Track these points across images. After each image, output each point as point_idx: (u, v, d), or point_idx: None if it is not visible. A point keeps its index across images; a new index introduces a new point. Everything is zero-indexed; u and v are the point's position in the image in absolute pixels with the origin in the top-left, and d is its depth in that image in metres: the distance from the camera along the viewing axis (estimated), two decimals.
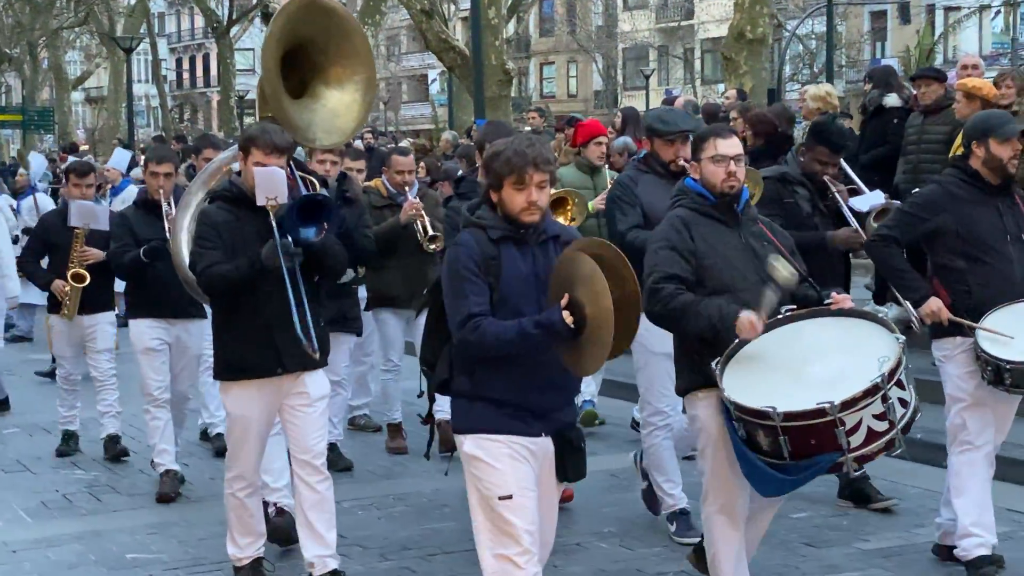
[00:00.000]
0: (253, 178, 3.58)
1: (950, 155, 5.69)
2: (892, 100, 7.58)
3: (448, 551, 4.28)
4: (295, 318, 3.51)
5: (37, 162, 12.34)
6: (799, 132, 7.73)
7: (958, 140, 5.36)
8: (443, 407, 3.58)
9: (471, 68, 13.57)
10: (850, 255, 4.76)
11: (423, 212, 5.43)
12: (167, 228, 4.88)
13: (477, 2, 13.10)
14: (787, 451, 3.08)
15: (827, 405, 3.00)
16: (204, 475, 5.59)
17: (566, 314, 2.70)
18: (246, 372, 3.71)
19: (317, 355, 3.61)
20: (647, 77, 35.04)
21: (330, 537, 3.77)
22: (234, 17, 22.81)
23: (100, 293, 5.96)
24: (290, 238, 3.52)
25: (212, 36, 24.03)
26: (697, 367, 3.30)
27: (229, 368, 3.78)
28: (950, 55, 23.53)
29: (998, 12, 25.18)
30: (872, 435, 3.11)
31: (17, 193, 11.70)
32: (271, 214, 3.49)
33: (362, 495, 5.14)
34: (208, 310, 4.53)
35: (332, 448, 5.05)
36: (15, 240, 8.36)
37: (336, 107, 4.31)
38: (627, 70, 38.78)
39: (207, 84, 42.32)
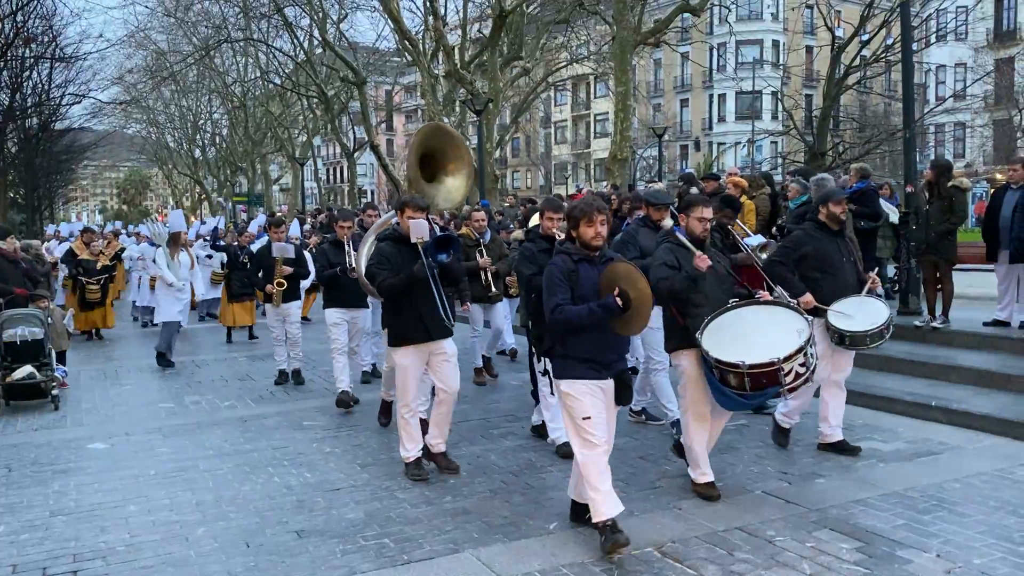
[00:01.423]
0: (408, 225, 5.58)
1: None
2: (694, 190, 10.62)
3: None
4: (439, 306, 5.61)
5: (260, 221, 17.71)
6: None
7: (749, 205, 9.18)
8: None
9: (477, 174, 18.95)
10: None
11: (490, 267, 8.74)
12: (349, 255, 7.76)
13: (481, 140, 21.25)
14: (748, 386, 4.81)
15: (776, 359, 4.74)
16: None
17: (617, 299, 4.33)
18: (409, 340, 5.71)
19: (453, 328, 5.74)
20: (567, 178, 60.35)
21: (444, 432, 5.94)
22: (355, 148, 40.66)
23: (291, 292, 9.28)
24: (432, 260, 5.54)
25: (344, 156, 41.84)
26: (680, 334, 5.15)
27: (398, 338, 5.76)
28: (719, 167, 39.32)
29: (744, 145, 41.45)
30: (797, 376, 4.85)
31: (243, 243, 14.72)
32: (419, 247, 5.52)
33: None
34: (370, 302, 8.26)
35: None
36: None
37: (451, 188, 6.74)
38: (556, 175, 63.61)
39: (342, 181, 64.07)
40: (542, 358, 4.92)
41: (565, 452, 5.77)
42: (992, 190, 9.03)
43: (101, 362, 11.56)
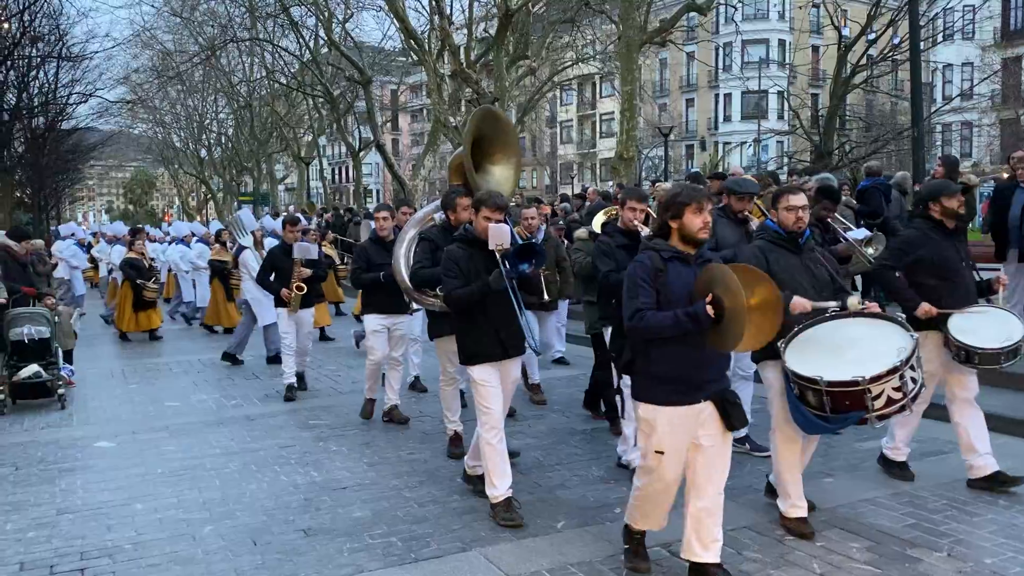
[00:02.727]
0: (483, 227, 4.81)
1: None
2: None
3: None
4: (520, 319, 4.79)
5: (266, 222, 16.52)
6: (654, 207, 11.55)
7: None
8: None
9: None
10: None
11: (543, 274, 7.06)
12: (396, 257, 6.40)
13: None
14: (828, 407, 4.13)
15: (860, 378, 4.05)
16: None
17: (709, 308, 3.58)
18: (484, 357, 4.91)
19: (528, 347, 4.99)
20: (572, 178, 58.42)
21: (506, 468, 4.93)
22: (360, 147, 40.69)
23: (308, 297, 8.50)
24: (512, 270, 4.76)
25: (349, 156, 41.92)
26: (768, 343, 4.04)
27: (472, 356, 4.93)
28: (725, 167, 39.24)
29: (750, 145, 41.46)
30: (890, 402, 4.12)
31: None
32: (497, 254, 4.76)
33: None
34: (411, 306, 7.06)
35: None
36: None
37: (499, 178, 6.07)
38: (561, 175, 63.11)
39: (347, 181, 63.92)
40: (622, 374, 4.11)
41: None
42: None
43: (108, 360, 11.56)
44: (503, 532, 4.72)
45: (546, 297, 5.30)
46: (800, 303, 4.38)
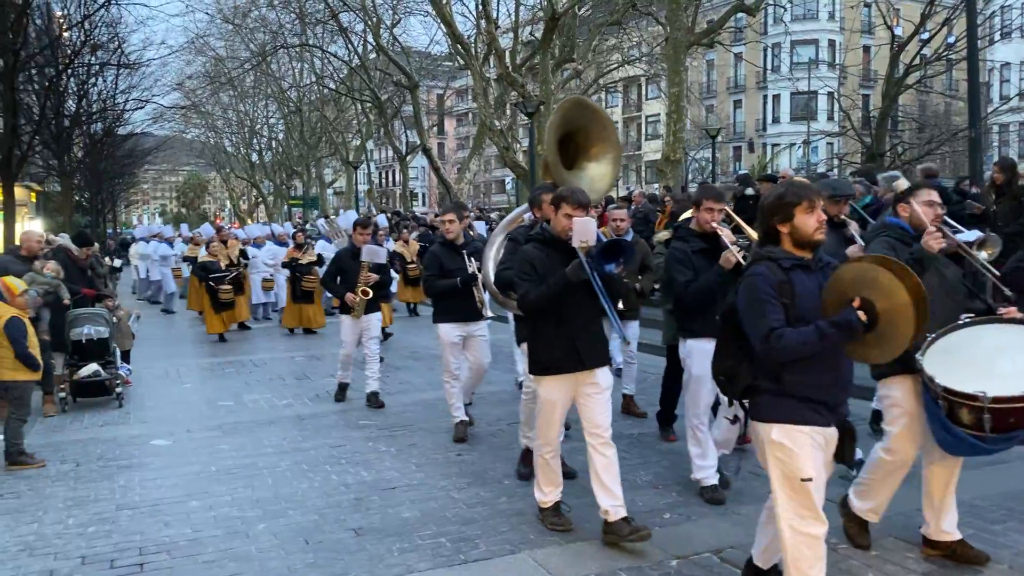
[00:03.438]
0: (564, 226, 4.40)
1: None
2: (750, 191, 11.28)
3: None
4: (611, 315, 4.34)
5: (321, 226, 17.84)
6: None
7: None
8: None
9: (528, 176, 21.35)
10: None
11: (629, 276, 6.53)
12: (470, 261, 6.52)
13: (532, 143, 20.77)
14: (988, 426, 3.56)
15: None
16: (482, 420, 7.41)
17: (860, 313, 3.10)
18: (555, 368, 4.49)
19: (631, 343, 4.83)
20: (618, 180, 54.63)
21: (617, 491, 4.46)
22: (407, 151, 41.08)
23: (373, 302, 8.14)
24: (598, 270, 4.30)
25: (396, 160, 42.36)
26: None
27: (542, 366, 4.54)
28: (774, 169, 38.55)
29: (799, 146, 40.67)
30: None
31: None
32: (581, 253, 4.29)
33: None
34: (487, 313, 6.73)
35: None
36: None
37: (594, 176, 5.46)
38: None
39: (394, 184, 64.36)
40: (733, 400, 3.55)
41: (713, 497, 5.16)
42: None
43: (164, 360, 11.83)
44: (552, 535, 4.72)
45: (620, 306, 4.85)
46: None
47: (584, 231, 4.34)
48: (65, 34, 19.99)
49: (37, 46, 17.59)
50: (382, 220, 17.43)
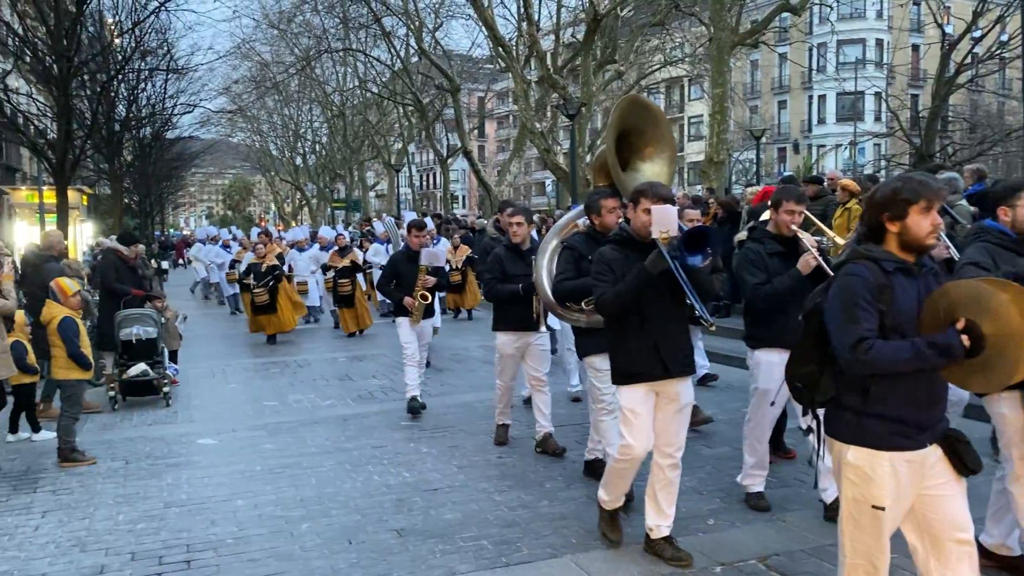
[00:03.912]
0: (644, 222, 4.07)
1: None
2: None
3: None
4: (698, 306, 4.01)
5: (378, 227, 17.57)
6: (745, 211, 11.05)
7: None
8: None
9: (568, 179, 21.45)
10: None
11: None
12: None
13: (573, 145, 21.18)
14: None
15: None
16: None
17: (963, 337, 2.80)
18: (638, 377, 4.19)
19: (714, 327, 4.20)
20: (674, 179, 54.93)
21: (670, 512, 4.33)
22: (448, 154, 41.26)
23: (430, 306, 7.96)
24: (681, 261, 3.94)
25: (437, 162, 42.51)
26: None
27: (624, 375, 4.24)
28: (820, 170, 37.85)
29: (846, 147, 39.87)
30: None
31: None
32: (661, 245, 3.92)
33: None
34: (543, 328, 6.41)
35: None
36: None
37: (650, 176, 5.13)
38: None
39: (435, 187, 64.82)
40: (808, 410, 3.24)
41: (757, 504, 5.08)
42: None
43: (210, 360, 12.02)
44: (594, 540, 4.69)
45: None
46: None
47: (664, 219, 3.98)
48: (116, 40, 20.47)
49: (90, 53, 18.04)
50: (428, 222, 17.61)
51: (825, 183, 11.02)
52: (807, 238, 4.73)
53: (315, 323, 16.28)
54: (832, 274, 3.18)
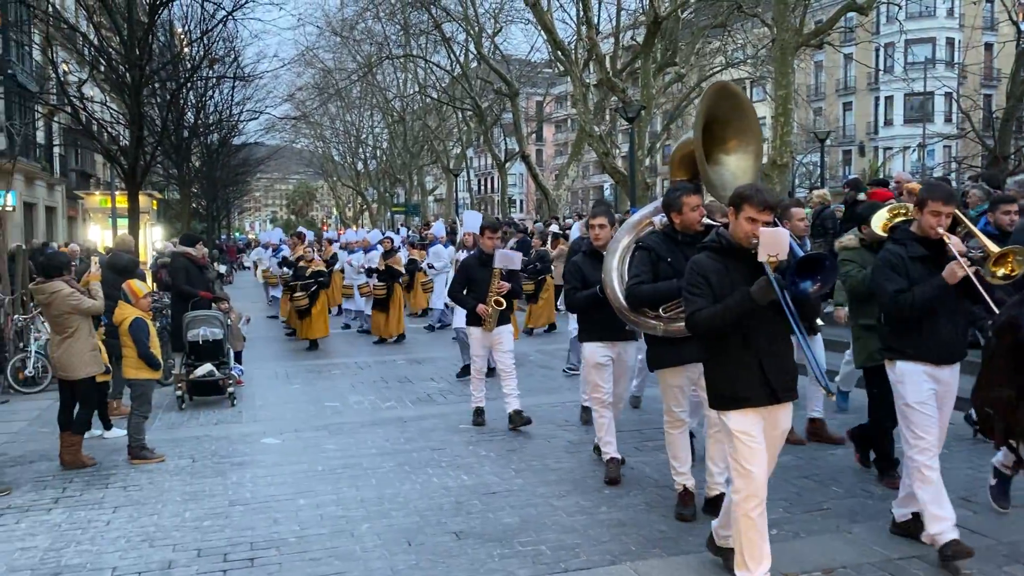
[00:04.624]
0: (746, 232, 3.70)
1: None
2: (862, 196, 10.67)
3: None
4: (803, 344, 3.72)
5: (437, 230, 17.51)
6: (809, 215, 10.33)
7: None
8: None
9: (628, 182, 21.21)
10: None
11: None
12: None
13: (632, 148, 21.50)
14: None
15: None
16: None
17: None
18: (740, 402, 3.76)
19: (826, 391, 3.86)
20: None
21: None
22: (506, 158, 41.37)
23: (505, 313, 7.42)
24: (790, 288, 3.58)
25: (495, 167, 42.72)
26: None
27: (726, 399, 3.81)
28: (887, 173, 36.76)
29: (914, 150, 38.55)
30: None
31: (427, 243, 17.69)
32: (768, 268, 3.58)
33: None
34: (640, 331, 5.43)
35: None
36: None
37: (736, 170, 4.92)
38: None
39: (492, 191, 65.17)
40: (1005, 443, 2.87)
41: (957, 551, 4.15)
42: None
43: (273, 362, 12.25)
44: (653, 547, 4.64)
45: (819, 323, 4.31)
46: None
47: (773, 243, 3.61)
48: (186, 49, 21.08)
49: (160, 61, 18.60)
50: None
51: (891, 185, 10.78)
52: (955, 243, 4.24)
53: (354, 330, 15.89)
54: (980, 287, 2.78)
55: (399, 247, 15.90)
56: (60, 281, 6.84)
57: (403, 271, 14.70)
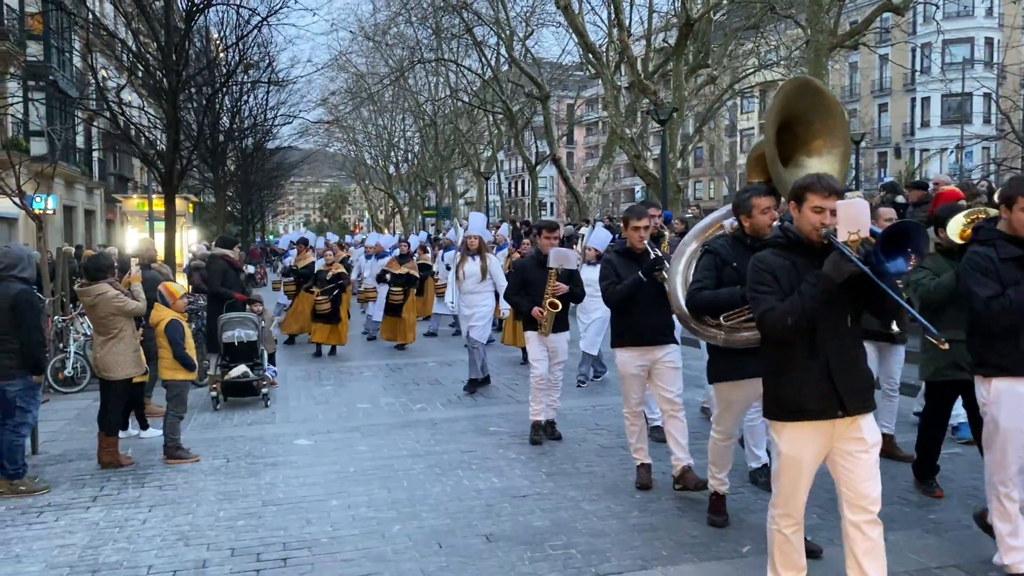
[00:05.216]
0: (811, 221, 3.38)
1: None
2: (900, 199, 10.83)
3: None
4: (914, 313, 3.32)
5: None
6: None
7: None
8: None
9: (659, 185, 21.34)
10: None
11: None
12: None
13: (664, 150, 21.19)
14: None
15: None
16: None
17: None
18: (803, 414, 3.44)
19: (946, 344, 3.13)
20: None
21: None
22: (537, 161, 41.39)
23: (562, 317, 7.01)
24: (879, 267, 3.15)
25: (526, 170, 42.82)
26: None
27: (785, 409, 3.50)
28: (923, 175, 36.32)
29: (951, 151, 37.82)
30: None
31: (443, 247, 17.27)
32: (844, 247, 3.18)
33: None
34: (677, 335, 5.59)
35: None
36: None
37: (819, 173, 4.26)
38: (740, 184, 57.42)
39: (523, 194, 65.45)
40: None
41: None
42: None
43: (305, 364, 12.36)
44: (685, 552, 4.61)
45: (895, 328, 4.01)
46: None
47: (852, 218, 3.17)
48: (221, 55, 21.36)
49: (197, 67, 18.87)
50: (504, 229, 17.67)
51: (930, 188, 10.64)
52: None
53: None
54: None
55: (415, 252, 15.56)
56: (105, 283, 6.97)
57: (418, 275, 14.48)
